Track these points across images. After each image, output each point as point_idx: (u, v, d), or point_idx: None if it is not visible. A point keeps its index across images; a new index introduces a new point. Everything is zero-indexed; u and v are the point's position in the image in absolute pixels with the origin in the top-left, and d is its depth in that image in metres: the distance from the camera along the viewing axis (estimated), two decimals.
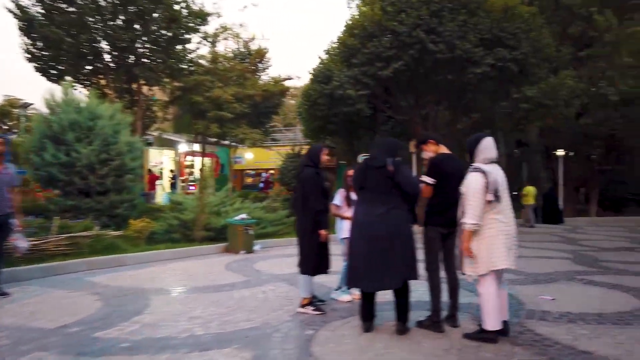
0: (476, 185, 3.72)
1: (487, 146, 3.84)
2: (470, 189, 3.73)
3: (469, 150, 3.93)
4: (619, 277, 6.75)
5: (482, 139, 3.87)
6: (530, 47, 11.54)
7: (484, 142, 3.85)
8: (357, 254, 3.83)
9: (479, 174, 3.75)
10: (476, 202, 3.71)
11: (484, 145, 3.84)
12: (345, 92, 12.49)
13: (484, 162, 3.81)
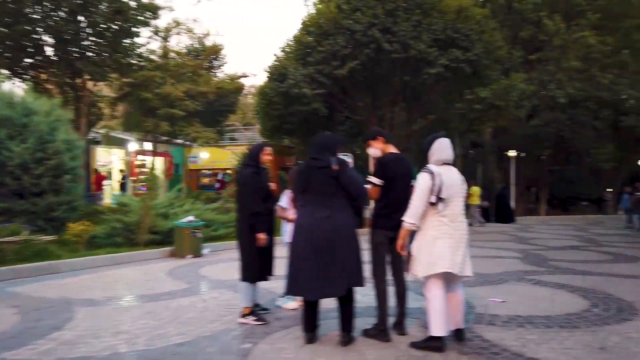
0: (422, 185, 3.63)
1: (441, 147, 3.73)
2: (416, 188, 3.67)
3: (424, 150, 3.84)
4: (566, 276, 6.81)
5: (436, 140, 3.75)
6: (483, 48, 11.67)
7: (438, 143, 3.74)
8: (297, 259, 3.56)
9: (426, 174, 3.67)
10: (417, 202, 3.62)
11: (437, 146, 3.74)
12: (300, 90, 12.24)
13: (437, 163, 3.70)
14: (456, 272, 3.62)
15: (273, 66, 13.28)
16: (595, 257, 8.95)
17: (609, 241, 11.71)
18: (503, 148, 21.34)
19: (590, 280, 6.49)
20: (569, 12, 20.54)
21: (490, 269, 7.36)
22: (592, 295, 5.54)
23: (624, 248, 10.34)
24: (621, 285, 6.22)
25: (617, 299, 5.34)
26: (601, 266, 7.81)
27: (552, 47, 18.82)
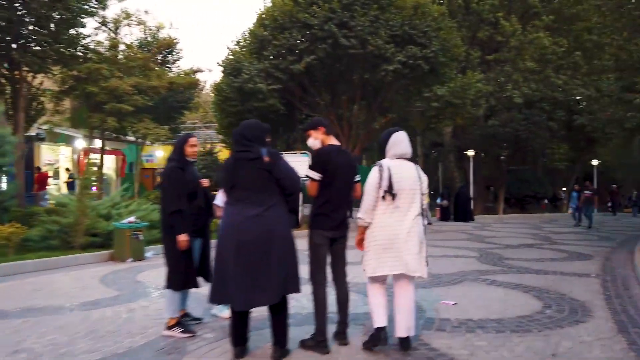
0: (370, 179, 3.45)
1: (396, 142, 3.54)
2: (366, 184, 3.49)
3: (379, 144, 3.67)
4: (521, 275, 6.67)
5: (392, 134, 3.58)
6: (440, 45, 11.55)
7: (394, 138, 3.55)
8: (224, 263, 3.14)
9: (376, 168, 3.50)
10: (367, 196, 3.46)
11: (393, 140, 3.55)
12: (255, 86, 11.77)
13: (393, 157, 3.52)
14: (404, 272, 3.40)
15: (227, 60, 12.75)
16: (550, 255, 8.93)
17: (563, 239, 11.83)
18: (463, 148, 21.53)
19: (544, 280, 6.36)
20: (524, 13, 20.96)
21: (446, 269, 7.16)
22: (545, 295, 5.37)
23: (578, 246, 10.42)
24: (574, 284, 6.11)
25: (570, 299, 5.18)
26: (555, 264, 7.75)
27: (509, 48, 19.11)
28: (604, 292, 5.66)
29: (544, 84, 19.47)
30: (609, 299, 5.28)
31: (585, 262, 8.12)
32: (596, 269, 7.35)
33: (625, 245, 10.67)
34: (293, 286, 3.22)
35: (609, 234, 13.46)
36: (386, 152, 3.58)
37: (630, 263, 8.09)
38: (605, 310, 4.74)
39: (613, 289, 5.88)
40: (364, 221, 3.51)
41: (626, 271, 7.23)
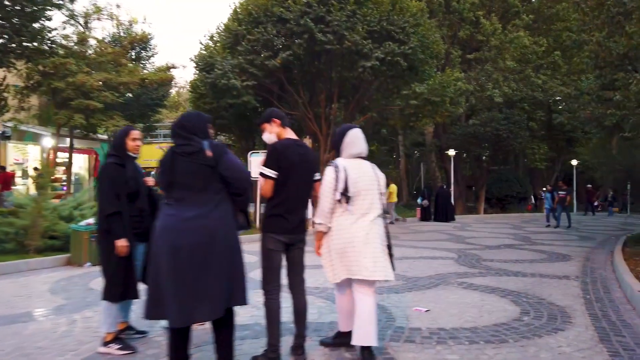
0: (325, 181, 3.23)
1: (353, 140, 3.31)
2: (322, 185, 3.26)
3: (334, 143, 3.41)
4: (499, 278, 6.40)
5: (348, 131, 3.34)
6: (419, 42, 11.28)
7: (350, 136, 3.31)
8: (158, 273, 2.74)
9: (331, 168, 3.24)
10: (323, 199, 3.23)
11: (350, 139, 3.31)
12: (229, 82, 11.33)
13: (350, 157, 3.30)
14: (365, 277, 3.14)
15: (200, 56, 12.29)
16: (529, 256, 8.71)
17: (542, 239, 11.67)
18: (444, 147, 21.38)
19: (522, 282, 6.10)
20: (505, 13, 20.91)
21: (422, 272, 6.86)
22: (523, 300, 5.09)
23: (557, 246, 10.25)
24: (553, 287, 5.85)
25: (549, 304, 4.91)
26: (534, 266, 7.51)
27: (489, 47, 19.02)
28: (583, 295, 5.41)
29: (524, 84, 19.43)
30: (589, 303, 5.02)
31: (565, 263, 7.91)
32: (576, 271, 7.13)
33: (604, 245, 10.54)
34: (239, 297, 2.84)
35: (588, 234, 13.38)
36: (341, 151, 3.33)
37: (609, 264, 7.91)
38: (585, 316, 4.47)
39: (593, 292, 5.64)
40: (323, 226, 3.25)
41: (606, 272, 7.03)
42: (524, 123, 20.16)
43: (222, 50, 12.14)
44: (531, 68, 19.76)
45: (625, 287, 5.63)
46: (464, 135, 20.09)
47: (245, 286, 2.87)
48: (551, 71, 20.50)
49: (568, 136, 26.31)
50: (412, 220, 17.97)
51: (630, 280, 5.66)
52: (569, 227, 14.95)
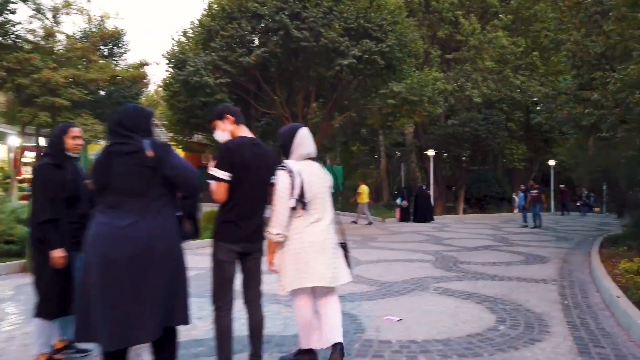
0: (280, 186, 2.95)
1: (303, 139, 3.09)
2: (276, 191, 2.96)
3: (282, 144, 3.11)
4: (475, 282, 6.20)
5: (298, 131, 3.10)
6: (396, 40, 11.08)
7: (300, 135, 3.08)
8: (88, 290, 2.42)
9: (284, 173, 2.96)
10: (279, 206, 2.94)
11: (300, 139, 3.08)
12: (202, 79, 10.95)
13: (300, 158, 3.07)
14: (325, 284, 2.99)
15: (172, 52, 11.87)
16: (507, 258, 8.56)
17: (520, 240, 11.58)
18: (424, 147, 21.30)
19: (499, 287, 5.90)
20: (484, 13, 20.94)
21: (397, 276, 6.62)
22: (500, 307, 4.88)
23: (535, 247, 10.15)
24: (531, 291, 5.67)
25: (526, 311, 4.71)
26: (512, 269, 7.35)
27: (468, 47, 18.99)
28: (561, 300, 5.24)
29: (502, 84, 19.46)
30: (567, 309, 4.84)
31: (542, 265, 7.78)
32: (553, 273, 6.99)
33: (581, 246, 10.49)
34: (180, 316, 2.53)
35: (565, 234, 13.37)
36: (291, 152, 3.06)
37: (587, 266, 7.81)
38: (563, 324, 4.27)
39: (571, 296, 5.48)
40: (280, 236, 2.95)
41: (584, 275, 6.90)
42: (502, 123, 20.21)
43: (195, 47, 11.75)
44: (510, 68, 19.81)
45: (603, 292, 5.47)
46: (443, 135, 20.04)
47: (187, 303, 2.57)
48: (529, 72, 20.59)
49: (545, 137, 26.54)
50: (391, 221, 17.80)
51: (608, 284, 5.51)
52: (537, 227, 14.88)
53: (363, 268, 7.34)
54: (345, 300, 5.16)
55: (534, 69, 20.87)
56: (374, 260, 8.10)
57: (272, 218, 2.95)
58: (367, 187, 16.82)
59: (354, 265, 7.59)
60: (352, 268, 3.30)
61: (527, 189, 15.75)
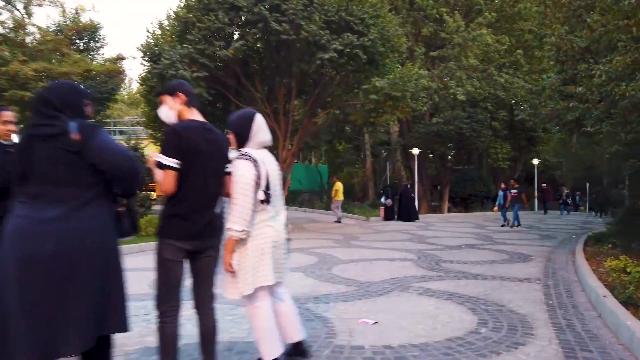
0: (246, 177, 2.66)
1: (261, 127, 2.84)
2: (238, 182, 2.65)
3: (238, 131, 2.82)
4: (457, 282, 5.95)
5: (255, 116, 2.83)
6: (378, 34, 10.81)
7: (257, 121, 2.82)
8: (2, 295, 2.08)
9: (248, 162, 2.68)
10: (244, 199, 2.65)
11: (258, 124, 2.82)
12: (177, 72, 10.55)
13: (257, 147, 2.83)
14: (282, 280, 2.86)
15: (147, 45, 11.45)
16: (490, 256, 8.35)
17: (504, 239, 11.41)
18: (409, 146, 21.12)
19: (481, 287, 5.66)
20: (468, 11, 20.84)
21: (377, 276, 6.34)
22: (482, 307, 4.62)
23: (519, 246, 9.98)
24: (514, 291, 5.44)
25: (510, 312, 4.46)
26: (495, 267, 7.13)
27: (453, 44, 18.85)
28: (546, 300, 5.00)
29: (487, 82, 19.36)
30: (552, 310, 4.60)
31: (526, 264, 7.58)
32: (537, 272, 6.78)
33: (565, 245, 10.35)
34: (116, 322, 2.20)
35: (549, 233, 13.26)
36: (249, 139, 2.79)
37: (571, 264, 7.63)
38: (548, 326, 4.02)
39: (556, 296, 5.25)
40: (243, 233, 2.66)
41: (568, 274, 6.70)
42: (487, 122, 20.12)
43: (172, 39, 11.35)
44: (494, 67, 19.72)
45: (589, 291, 5.26)
46: (427, 133, 19.88)
47: (125, 307, 2.24)
48: (513, 70, 20.54)
49: (529, 135, 26.62)
50: (375, 219, 17.57)
51: (593, 283, 5.30)
52: (517, 225, 14.72)
53: (342, 268, 7.05)
54: (319, 301, 4.87)
55: (518, 67, 20.84)
56: (355, 260, 7.82)
57: (233, 213, 2.64)
58: (341, 184, 16.61)
59: (334, 265, 7.34)
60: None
61: (507, 188, 15.58)
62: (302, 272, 6.65)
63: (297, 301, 4.85)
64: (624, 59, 5.62)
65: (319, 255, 8.30)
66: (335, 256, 8.24)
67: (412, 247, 9.63)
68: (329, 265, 7.25)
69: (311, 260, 7.73)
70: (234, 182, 2.68)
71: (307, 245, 9.84)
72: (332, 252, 8.73)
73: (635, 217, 7.78)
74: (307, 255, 8.32)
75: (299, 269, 6.86)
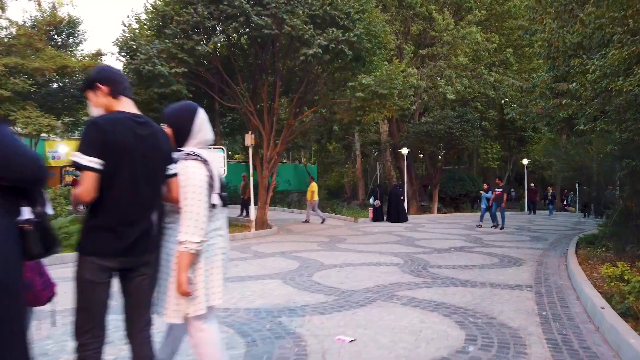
0: (197, 180, 2.29)
1: (204, 122, 2.45)
2: (190, 186, 2.27)
3: (178, 127, 2.40)
4: (445, 289, 5.58)
5: (197, 111, 2.44)
6: (365, 29, 10.42)
7: (201, 116, 2.44)
8: None
9: (198, 163, 2.32)
10: (199, 207, 2.27)
11: (202, 120, 2.44)
12: (154, 68, 10.08)
13: (201, 145, 2.45)
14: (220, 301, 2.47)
15: (124, 39, 10.96)
16: (480, 260, 8.00)
17: (494, 240, 11.08)
18: (398, 146, 20.78)
19: (470, 295, 5.29)
20: (458, 10, 20.55)
21: (360, 283, 5.95)
22: (470, 320, 4.25)
23: (509, 248, 9.64)
24: (505, 300, 5.07)
25: (500, 326, 4.08)
26: (485, 273, 6.77)
27: (442, 43, 18.55)
28: (539, 311, 4.64)
29: (476, 81, 19.08)
30: (545, 322, 4.23)
31: (517, 268, 7.23)
32: (529, 278, 6.43)
33: (557, 247, 10.04)
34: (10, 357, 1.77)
35: (540, 234, 12.98)
36: (191, 136, 2.40)
37: (564, 269, 7.30)
38: (542, 342, 3.65)
39: (549, 305, 4.89)
40: (199, 245, 2.25)
41: (561, 280, 6.36)
42: (476, 122, 19.84)
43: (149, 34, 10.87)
44: (483, 66, 19.45)
45: (584, 300, 4.90)
46: (417, 133, 19.54)
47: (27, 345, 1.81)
48: (503, 69, 20.30)
49: (519, 135, 26.47)
50: (364, 220, 17.19)
51: (589, 291, 4.95)
52: (495, 226, 14.31)
53: (324, 274, 6.64)
54: (294, 314, 4.46)
55: (508, 66, 20.60)
56: (338, 265, 7.42)
57: (186, 222, 2.23)
58: (316, 184, 16.30)
59: (316, 270, 6.94)
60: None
61: (489, 189, 15.22)
62: (280, 279, 6.24)
63: (270, 314, 4.45)
64: (620, 52, 5.28)
65: (301, 260, 7.89)
66: (318, 260, 7.84)
67: (400, 250, 9.26)
68: (311, 271, 6.85)
69: (292, 265, 7.32)
70: (183, 186, 2.28)
71: (290, 248, 9.43)
72: (316, 256, 8.33)
73: (629, 219, 7.46)
74: (288, 260, 7.91)
75: (277, 276, 6.45)
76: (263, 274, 6.64)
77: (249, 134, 12.41)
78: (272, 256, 8.40)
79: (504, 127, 26.21)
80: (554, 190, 24.83)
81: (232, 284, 5.90)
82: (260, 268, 7.14)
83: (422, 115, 21.26)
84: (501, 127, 26.19)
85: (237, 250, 9.21)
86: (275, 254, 8.67)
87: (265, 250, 9.23)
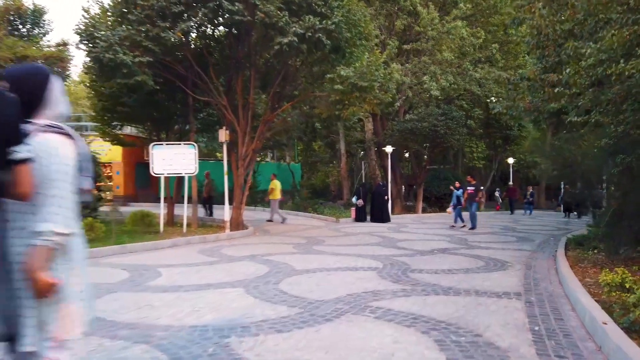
0: (65, 158, 1.77)
1: (60, 92, 1.89)
2: (55, 164, 1.73)
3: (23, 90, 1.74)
4: (425, 298, 4.96)
5: (50, 76, 1.86)
6: (343, 17, 9.78)
7: (56, 84, 1.87)
8: None
9: (60, 137, 1.78)
10: (66, 191, 1.76)
11: (57, 88, 1.87)
12: (116, 56, 9.31)
13: (56, 119, 1.86)
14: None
15: (85, 25, 10.14)
16: (465, 263, 7.42)
17: (479, 241, 10.53)
18: (383, 144, 20.20)
19: (453, 306, 4.67)
20: (443, 5, 20.04)
21: (331, 291, 5.31)
22: (452, 339, 3.62)
23: (495, 250, 9.09)
24: (491, 312, 4.47)
25: (487, 346, 3.46)
26: (469, 278, 6.18)
27: (427, 38, 18.02)
28: (530, 326, 4.04)
29: (462, 77, 18.59)
30: (539, 341, 3.63)
31: (504, 272, 6.66)
32: (517, 284, 5.86)
33: (544, 248, 9.52)
34: None
35: (526, 234, 12.48)
36: (44, 105, 1.81)
37: (554, 273, 6.74)
38: None
39: (542, 318, 4.29)
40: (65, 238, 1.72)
41: (552, 286, 5.79)
42: (462, 120, 19.35)
43: (112, 20, 10.09)
44: (469, 62, 18.97)
45: (581, 312, 4.32)
46: (401, 131, 18.98)
47: None
48: (488, 65, 19.84)
49: (504, 134, 26.13)
50: (346, 220, 16.56)
51: (586, 302, 4.36)
52: (472, 228, 13.63)
53: (293, 280, 5.99)
54: (247, 333, 3.80)
55: (494, 62, 20.16)
56: (311, 270, 6.77)
57: (50, 209, 1.70)
58: (279, 182, 15.65)
59: (285, 277, 6.28)
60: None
61: (461, 187, 14.66)
62: (243, 287, 5.56)
63: (218, 333, 3.78)
64: (620, 33, 4.72)
65: (272, 264, 7.23)
66: (290, 265, 7.18)
67: (380, 252, 8.64)
68: (279, 277, 6.19)
69: (260, 271, 6.65)
70: (45, 165, 1.69)
71: (263, 251, 8.75)
72: (289, 260, 7.67)
73: (622, 220, 6.94)
74: (257, 264, 7.24)
75: (240, 283, 5.77)
76: (225, 281, 5.96)
77: (223, 130, 11.71)
78: (241, 260, 7.72)
79: (489, 126, 25.85)
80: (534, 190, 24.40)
81: (186, 294, 5.21)
82: (224, 274, 6.45)
83: (407, 112, 20.72)
84: (486, 126, 25.83)
85: (204, 253, 8.51)
86: (246, 257, 7.99)
87: (236, 253, 8.55)
